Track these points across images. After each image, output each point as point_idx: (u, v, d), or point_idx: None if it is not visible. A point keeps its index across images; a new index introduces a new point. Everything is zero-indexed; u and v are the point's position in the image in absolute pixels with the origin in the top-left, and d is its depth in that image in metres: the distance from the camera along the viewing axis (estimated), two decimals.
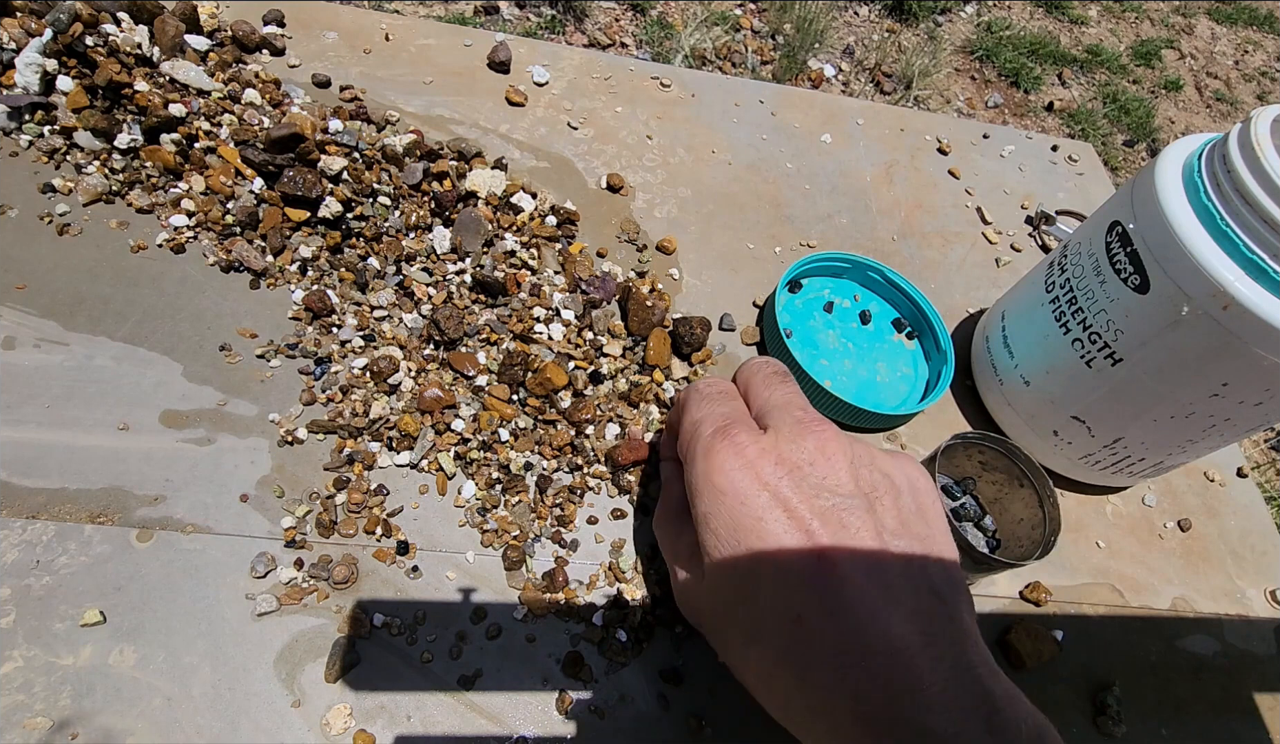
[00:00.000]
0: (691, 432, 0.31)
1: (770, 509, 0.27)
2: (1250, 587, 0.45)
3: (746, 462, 0.28)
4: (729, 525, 0.27)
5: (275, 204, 0.41)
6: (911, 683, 0.24)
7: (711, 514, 0.28)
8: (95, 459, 0.34)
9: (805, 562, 0.26)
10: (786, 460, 0.28)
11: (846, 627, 0.25)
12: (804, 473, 0.28)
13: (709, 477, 0.28)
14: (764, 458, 0.28)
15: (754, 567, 0.26)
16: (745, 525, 0.27)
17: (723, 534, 0.27)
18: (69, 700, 0.29)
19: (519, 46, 0.56)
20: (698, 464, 0.29)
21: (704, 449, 0.29)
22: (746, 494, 0.27)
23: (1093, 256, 0.38)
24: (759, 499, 0.27)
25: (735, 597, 0.27)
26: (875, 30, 2.07)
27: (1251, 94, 2.23)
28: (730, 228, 0.51)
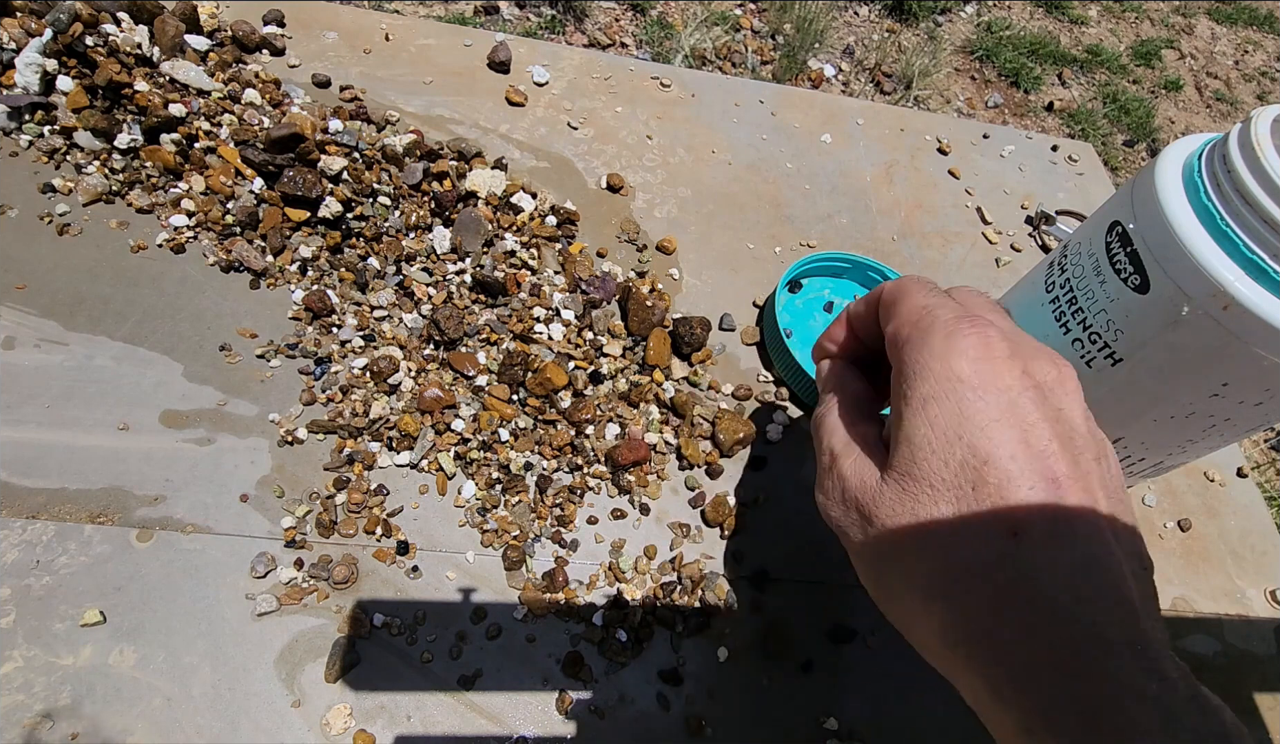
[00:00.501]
0: (922, 312, 0.27)
1: (1009, 414, 0.24)
2: (1250, 587, 0.45)
3: (992, 356, 0.25)
4: (954, 415, 0.24)
5: (275, 204, 0.41)
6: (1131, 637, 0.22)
7: (935, 399, 0.25)
8: (95, 459, 0.34)
9: (1037, 476, 0.23)
10: (1032, 374, 0.25)
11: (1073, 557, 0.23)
12: (1045, 394, 0.26)
13: (948, 358, 0.25)
14: (1012, 361, 0.25)
15: (976, 466, 0.24)
16: (976, 421, 0.24)
17: (942, 424, 0.24)
18: (69, 700, 0.29)
19: (519, 46, 0.56)
20: (933, 343, 0.26)
21: (945, 330, 0.26)
22: (987, 389, 0.24)
23: (1093, 256, 0.38)
24: (999, 399, 0.24)
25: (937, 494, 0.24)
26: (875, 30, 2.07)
27: (1251, 94, 2.23)
28: (730, 228, 0.51)
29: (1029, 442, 0.24)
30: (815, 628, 0.37)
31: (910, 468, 0.25)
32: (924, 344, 0.26)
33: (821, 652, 0.37)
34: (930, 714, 0.36)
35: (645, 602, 0.36)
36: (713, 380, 0.43)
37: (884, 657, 0.37)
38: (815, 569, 0.39)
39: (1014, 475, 0.23)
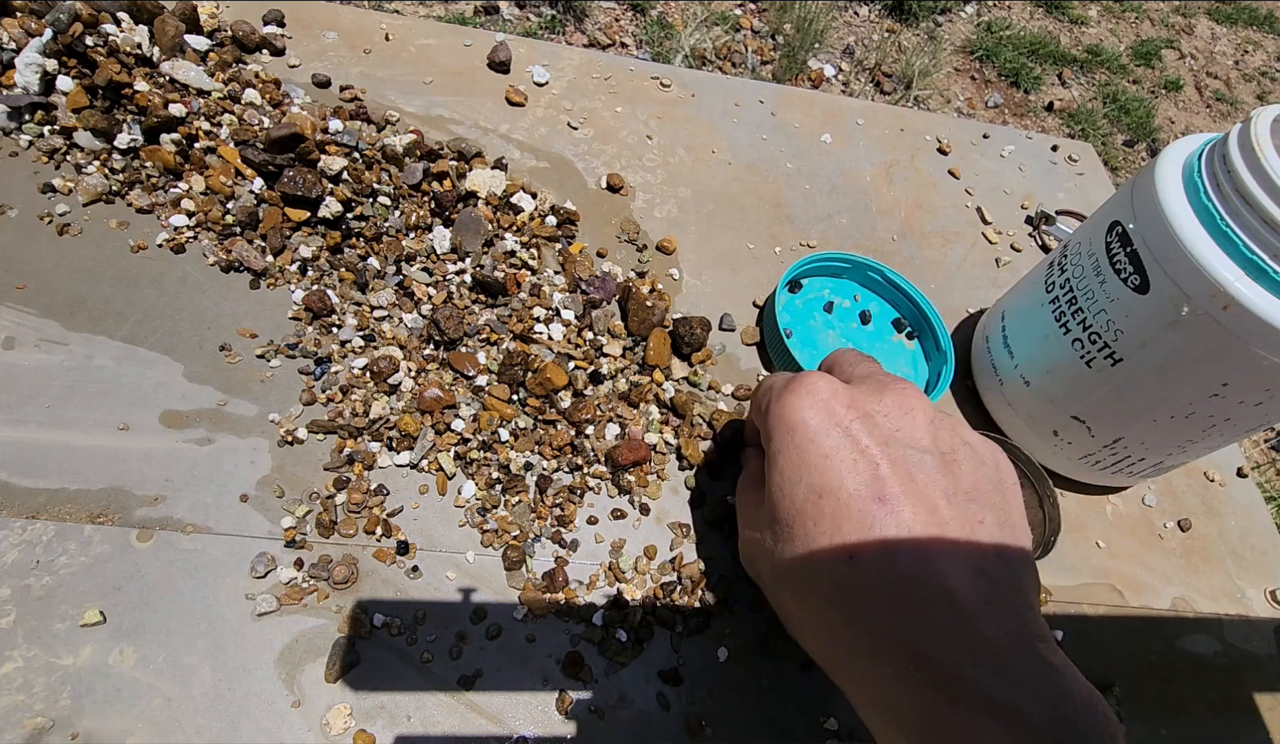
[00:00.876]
0: (765, 391, 0.30)
1: (839, 448, 0.26)
2: (1250, 587, 0.45)
3: (819, 401, 0.27)
4: (795, 462, 0.27)
5: (275, 204, 0.41)
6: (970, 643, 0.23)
7: (780, 452, 0.27)
8: (95, 459, 0.34)
9: (865, 501, 0.25)
10: (861, 407, 0.28)
11: (902, 571, 0.24)
12: (877, 420, 0.27)
13: (781, 415, 0.28)
14: (837, 398, 0.27)
15: (815, 501, 0.26)
16: (811, 461, 0.26)
17: (787, 471, 0.27)
18: (69, 700, 0.29)
19: (519, 46, 0.56)
20: (772, 408, 0.28)
21: (778, 393, 0.29)
22: (816, 431, 0.27)
23: (1093, 256, 0.38)
24: (829, 437, 0.27)
25: (792, 532, 0.27)
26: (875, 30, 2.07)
27: (1251, 94, 2.23)
28: (730, 228, 0.51)
29: (858, 469, 0.26)
30: None
31: (773, 515, 0.28)
32: (768, 411, 0.29)
33: None
34: None
35: (645, 602, 0.36)
36: (713, 380, 0.43)
37: None
38: None
39: (845, 503, 0.25)
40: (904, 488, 0.26)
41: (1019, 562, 0.26)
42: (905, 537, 0.25)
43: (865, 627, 0.25)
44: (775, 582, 0.29)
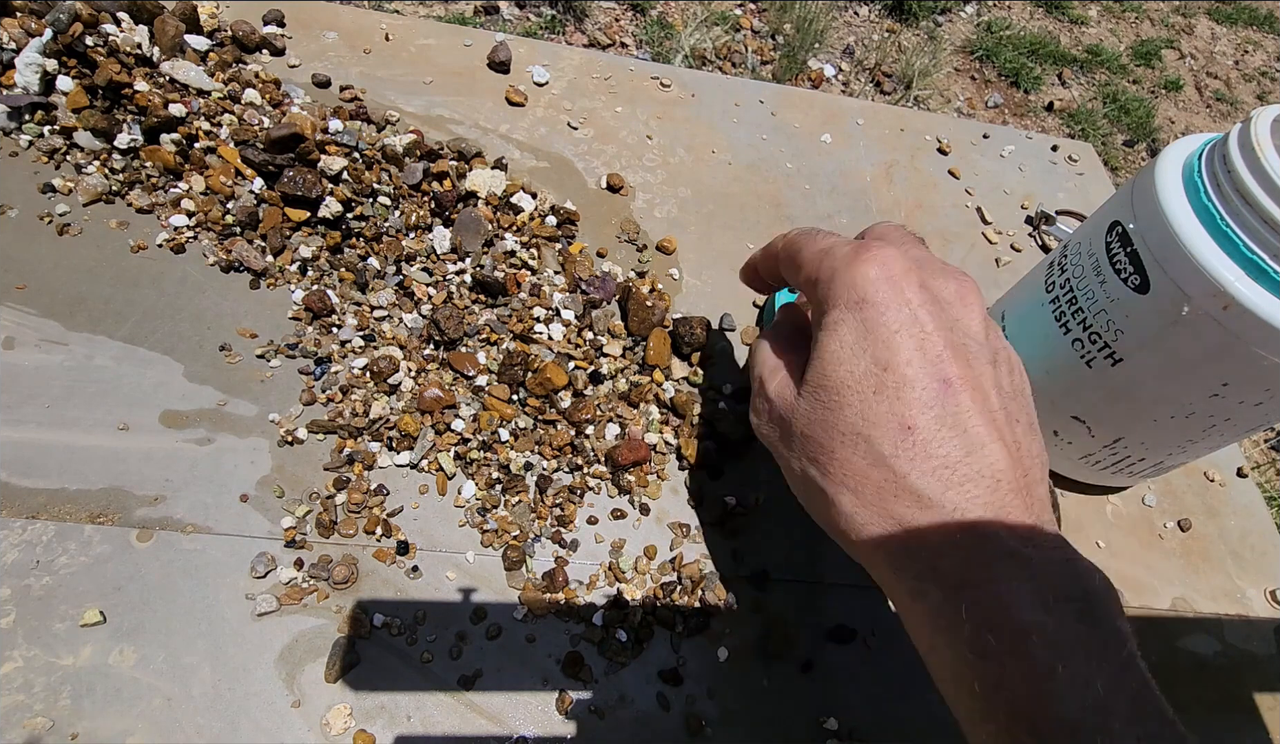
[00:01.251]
0: (824, 255, 0.30)
1: (908, 326, 0.27)
2: (1250, 587, 0.45)
3: (890, 275, 0.28)
4: (859, 331, 0.27)
5: (275, 204, 0.41)
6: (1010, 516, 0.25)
7: (843, 320, 0.28)
8: (95, 459, 0.34)
9: (930, 378, 0.26)
10: (929, 288, 0.28)
11: (957, 445, 0.26)
12: (943, 306, 0.28)
13: (852, 284, 0.28)
14: (908, 277, 0.28)
15: (877, 373, 0.27)
16: (879, 335, 0.27)
17: (849, 339, 0.27)
18: (69, 700, 0.29)
19: (519, 46, 0.56)
20: (840, 274, 0.28)
21: (847, 260, 0.28)
22: (887, 305, 0.27)
23: (1093, 256, 0.38)
24: (899, 314, 0.27)
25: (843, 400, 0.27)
26: (875, 30, 2.07)
27: (1251, 94, 2.23)
28: (730, 228, 0.51)
29: (924, 349, 0.27)
30: (815, 628, 0.37)
31: (821, 380, 0.28)
32: (834, 277, 0.29)
33: (821, 652, 0.37)
34: (930, 714, 0.36)
35: (645, 602, 0.36)
36: (713, 380, 0.43)
37: (884, 657, 0.37)
38: (815, 569, 0.39)
39: (910, 378, 0.26)
40: (964, 374, 0.27)
41: (1042, 461, 0.29)
42: (964, 416, 0.26)
43: (912, 495, 0.26)
44: (805, 443, 0.29)
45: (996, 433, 0.26)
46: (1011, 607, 0.24)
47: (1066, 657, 0.23)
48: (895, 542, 0.26)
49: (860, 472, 0.27)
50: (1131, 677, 0.24)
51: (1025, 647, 0.23)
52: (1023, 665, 0.23)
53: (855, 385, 0.27)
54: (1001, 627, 0.24)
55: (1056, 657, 0.23)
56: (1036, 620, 0.24)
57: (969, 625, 0.24)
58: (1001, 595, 0.24)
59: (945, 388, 0.26)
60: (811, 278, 0.30)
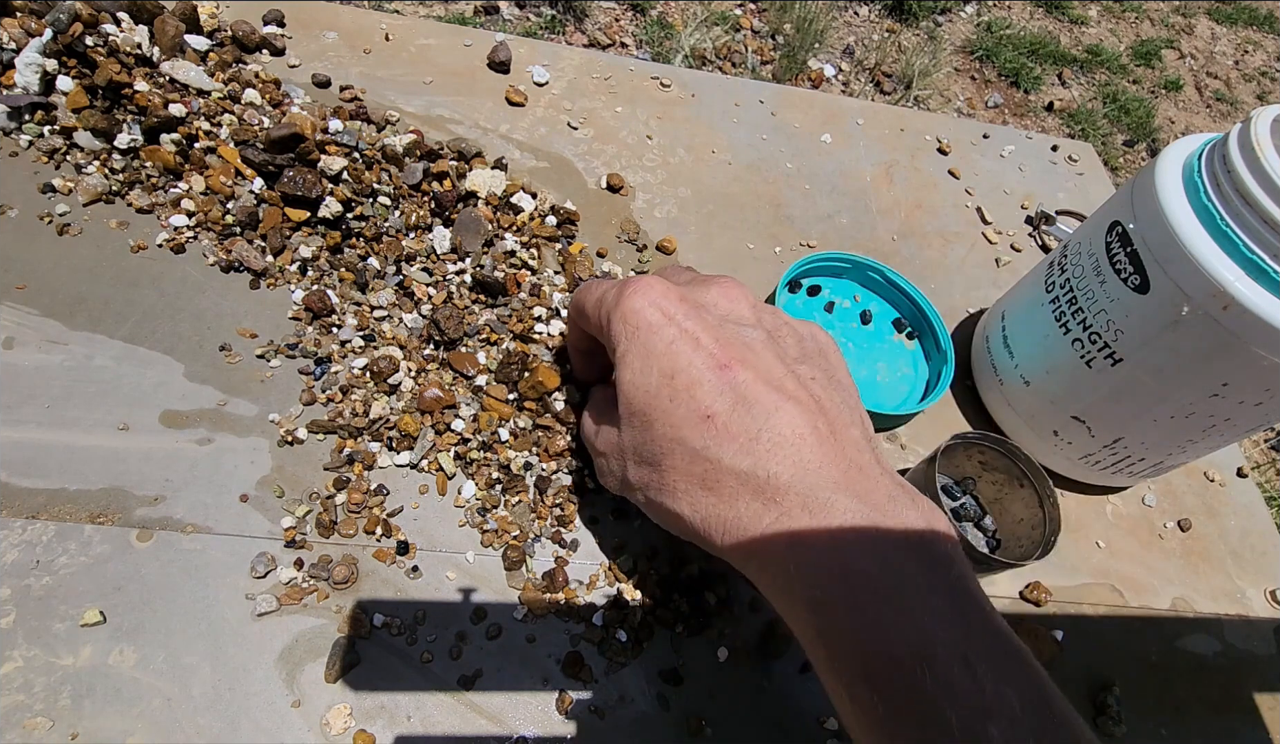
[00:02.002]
0: (599, 303, 0.33)
1: (680, 336, 0.30)
2: (1250, 587, 0.45)
3: (653, 300, 0.30)
4: (642, 355, 0.30)
5: (275, 204, 0.41)
6: (818, 468, 0.27)
7: (629, 351, 0.30)
8: (95, 459, 0.34)
9: (711, 369, 0.29)
10: (690, 299, 0.31)
11: (754, 417, 0.28)
12: (707, 309, 0.31)
13: (624, 319, 0.31)
14: (668, 295, 0.31)
15: (667, 381, 0.29)
16: (657, 350, 0.29)
17: (636, 365, 0.30)
18: (69, 700, 0.29)
19: (519, 46, 0.56)
20: (614, 315, 0.31)
21: (615, 300, 0.31)
22: (657, 325, 0.30)
23: (1093, 256, 0.38)
24: (669, 330, 0.30)
25: (650, 417, 0.30)
26: (875, 30, 2.07)
27: (1251, 94, 2.23)
28: (730, 228, 0.51)
29: (699, 348, 0.29)
30: None
31: (628, 408, 0.31)
32: (610, 320, 0.31)
33: None
34: None
35: (645, 602, 0.36)
36: None
37: None
38: None
39: (695, 376, 0.29)
40: (740, 355, 0.29)
41: (850, 407, 0.31)
42: (749, 391, 0.28)
43: (730, 478, 0.28)
44: (639, 472, 0.31)
45: (786, 395, 0.28)
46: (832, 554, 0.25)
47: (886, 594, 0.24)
48: (731, 523, 0.28)
49: (685, 473, 0.29)
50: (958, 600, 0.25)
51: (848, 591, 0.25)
52: (849, 611, 0.25)
53: (654, 401, 0.29)
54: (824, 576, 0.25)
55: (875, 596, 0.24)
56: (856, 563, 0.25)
57: (799, 583, 0.26)
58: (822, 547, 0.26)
59: (726, 371, 0.29)
60: (596, 326, 0.33)
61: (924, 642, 0.23)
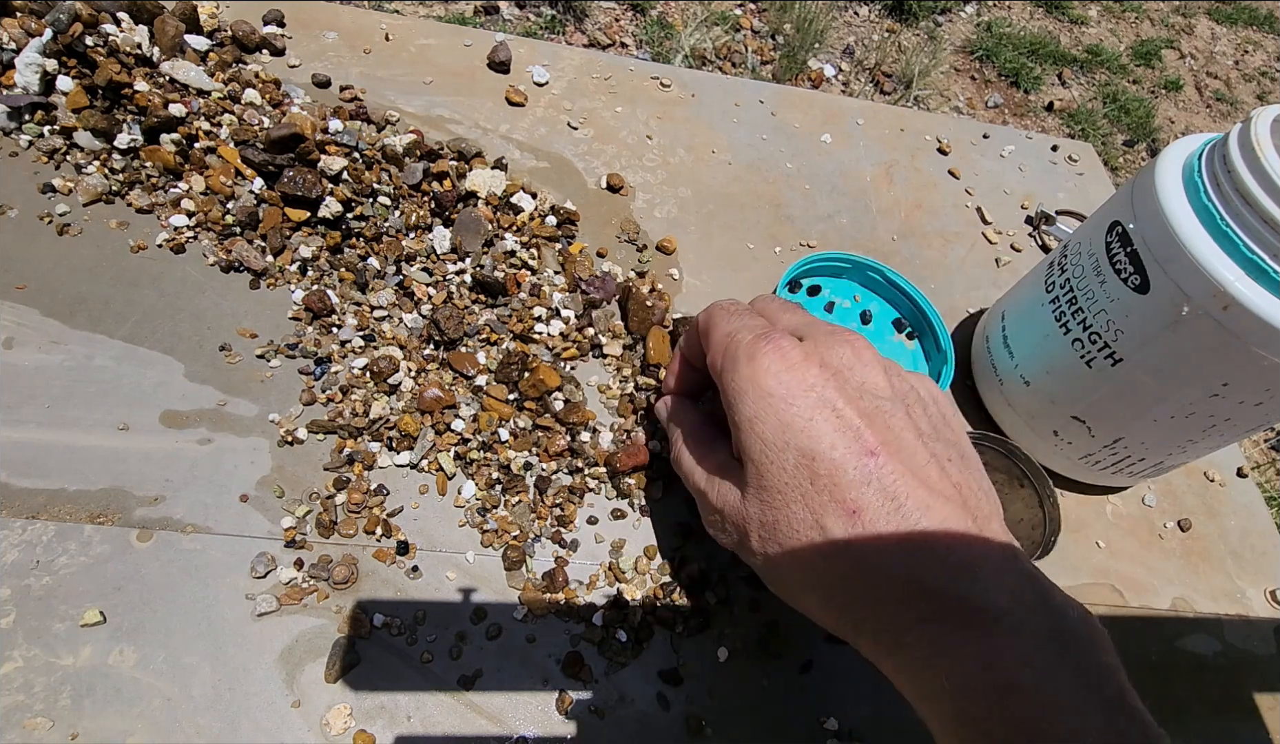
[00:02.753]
0: (728, 340, 0.31)
1: (819, 408, 0.27)
2: (1250, 587, 0.45)
3: (791, 364, 0.28)
4: (776, 427, 0.28)
5: (275, 204, 0.41)
6: (972, 567, 0.25)
7: (758, 418, 0.28)
8: (95, 459, 0.34)
9: (857, 456, 0.27)
10: (829, 364, 0.29)
11: (904, 516, 0.26)
12: (845, 377, 0.29)
13: (755, 380, 0.28)
14: (808, 361, 0.28)
15: (807, 464, 0.27)
16: (796, 425, 0.27)
17: (770, 437, 0.28)
18: (69, 700, 0.29)
19: (519, 46, 0.56)
20: (741, 369, 0.29)
21: (747, 354, 0.29)
22: (794, 395, 0.28)
23: (1093, 256, 0.38)
24: (806, 399, 0.28)
25: (787, 498, 0.28)
26: (875, 30, 2.07)
27: (1251, 94, 2.23)
28: (730, 228, 0.51)
29: (842, 427, 0.27)
30: (815, 628, 0.37)
31: (760, 481, 0.28)
32: (735, 370, 0.29)
33: (821, 652, 0.37)
34: None
35: (645, 602, 0.36)
36: None
37: None
38: None
39: (838, 462, 0.27)
40: (884, 438, 0.27)
41: (986, 491, 0.29)
42: (897, 487, 0.26)
43: (875, 575, 0.26)
44: (767, 547, 0.29)
45: (934, 489, 0.27)
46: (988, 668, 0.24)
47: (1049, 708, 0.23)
48: (869, 621, 0.27)
49: (820, 563, 0.27)
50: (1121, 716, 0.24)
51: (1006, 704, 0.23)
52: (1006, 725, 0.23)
53: (792, 481, 0.27)
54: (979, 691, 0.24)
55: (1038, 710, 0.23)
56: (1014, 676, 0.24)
57: (950, 692, 0.25)
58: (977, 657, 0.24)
59: (874, 459, 0.27)
60: (717, 365, 0.31)
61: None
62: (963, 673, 0.24)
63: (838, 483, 0.27)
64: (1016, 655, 0.24)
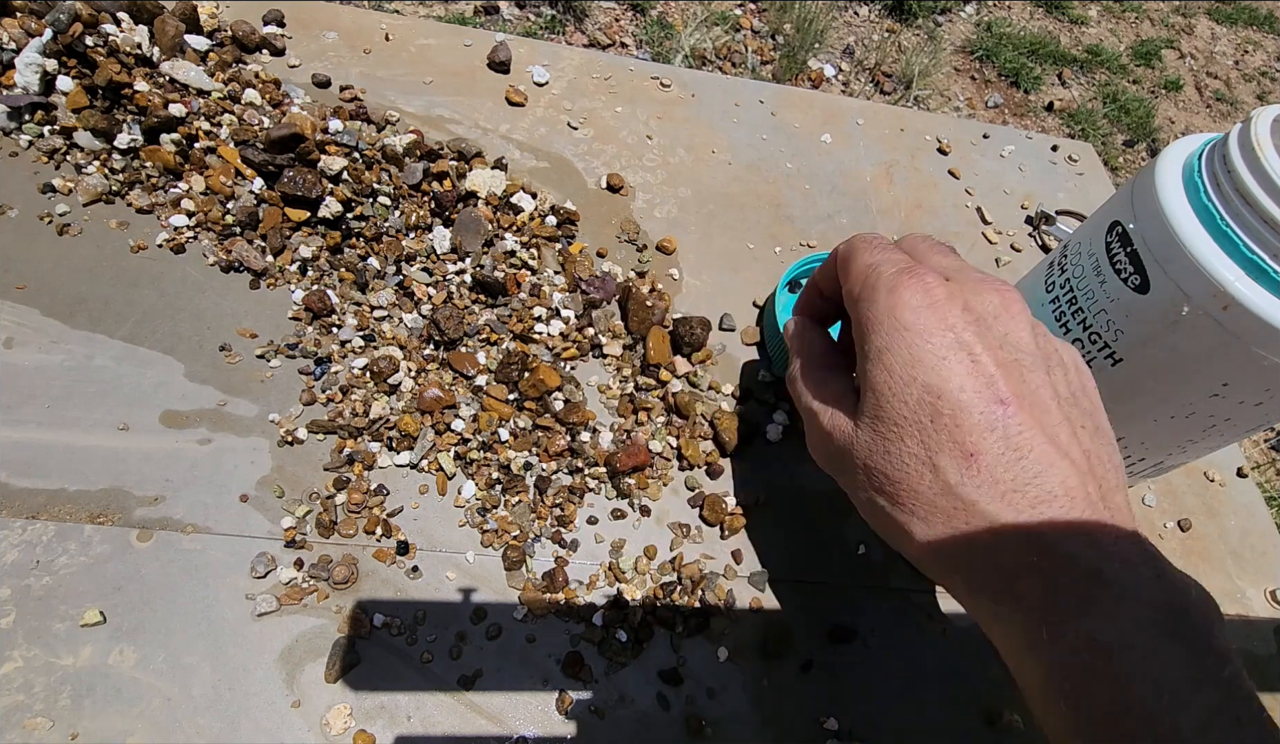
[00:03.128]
0: (869, 271, 0.29)
1: (954, 350, 0.26)
2: (1250, 587, 0.45)
3: (933, 301, 0.27)
4: (906, 360, 0.27)
5: (275, 204, 0.41)
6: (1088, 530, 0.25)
7: (889, 349, 0.27)
8: (95, 459, 0.34)
9: (986, 402, 0.26)
10: (973, 309, 0.28)
11: (1024, 468, 0.25)
12: (988, 324, 0.28)
13: (893, 311, 0.27)
14: (951, 301, 0.27)
15: (931, 401, 0.26)
16: (927, 362, 0.26)
17: (898, 370, 0.27)
18: (69, 700, 0.29)
19: (519, 46, 0.56)
20: (880, 299, 0.28)
21: (888, 285, 0.28)
22: (931, 332, 0.27)
23: (1093, 256, 0.38)
24: (944, 339, 0.27)
25: (902, 431, 0.27)
26: (875, 30, 2.07)
27: (1251, 94, 2.23)
28: (730, 228, 0.51)
29: (976, 372, 0.26)
30: (815, 628, 0.37)
31: (877, 412, 0.28)
32: (873, 301, 0.28)
33: (821, 652, 0.37)
34: (930, 714, 0.36)
35: (645, 602, 0.36)
36: (713, 380, 0.43)
37: (884, 657, 0.37)
38: (815, 569, 0.39)
39: (965, 404, 0.26)
40: (1017, 391, 0.26)
41: (1115, 465, 0.28)
42: (1024, 436, 0.26)
43: (984, 521, 0.25)
44: (872, 477, 0.28)
45: (1061, 449, 0.26)
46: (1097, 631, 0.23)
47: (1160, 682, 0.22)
48: (972, 567, 0.26)
49: (929, 500, 0.26)
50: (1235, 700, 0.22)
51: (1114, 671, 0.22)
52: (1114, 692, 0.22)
53: (911, 416, 0.27)
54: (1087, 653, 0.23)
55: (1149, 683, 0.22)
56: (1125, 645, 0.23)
57: (1053, 652, 0.24)
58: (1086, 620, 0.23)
59: (1003, 408, 0.26)
60: (854, 294, 0.30)
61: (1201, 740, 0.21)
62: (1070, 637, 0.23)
63: (960, 424, 0.26)
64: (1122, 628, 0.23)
